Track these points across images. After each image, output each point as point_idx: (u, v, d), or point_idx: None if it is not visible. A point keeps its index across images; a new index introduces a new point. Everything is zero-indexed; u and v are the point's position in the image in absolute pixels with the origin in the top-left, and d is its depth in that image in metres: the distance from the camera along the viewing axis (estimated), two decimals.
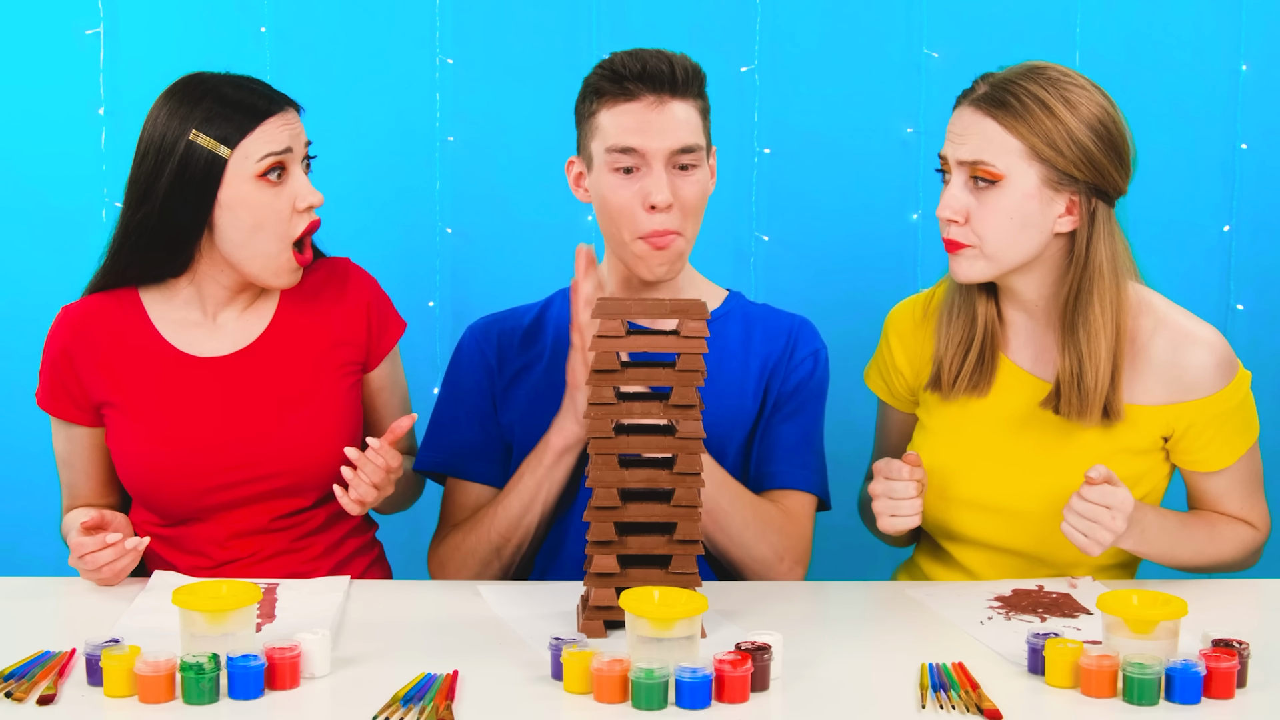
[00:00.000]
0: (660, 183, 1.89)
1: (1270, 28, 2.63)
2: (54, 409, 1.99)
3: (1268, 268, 2.66)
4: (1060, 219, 1.86)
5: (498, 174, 2.64)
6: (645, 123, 1.89)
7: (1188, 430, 1.90)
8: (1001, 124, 1.83)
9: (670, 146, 1.89)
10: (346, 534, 2.04)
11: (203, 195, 1.88)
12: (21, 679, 1.48)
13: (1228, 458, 1.93)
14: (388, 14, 2.62)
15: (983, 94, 1.86)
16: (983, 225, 1.85)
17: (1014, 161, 1.83)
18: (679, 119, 1.90)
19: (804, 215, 2.67)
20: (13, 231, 2.60)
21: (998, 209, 1.84)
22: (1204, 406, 1.89)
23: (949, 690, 1.48)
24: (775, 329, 2.06)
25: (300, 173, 1.92)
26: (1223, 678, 1.48)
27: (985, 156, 1.83)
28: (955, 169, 1.87)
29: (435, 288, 2.64)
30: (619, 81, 1.90)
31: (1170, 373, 1.89)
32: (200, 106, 1.88)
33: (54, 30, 2.59)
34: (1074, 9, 2.61)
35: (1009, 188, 1.83)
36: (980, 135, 1.84)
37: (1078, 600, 1.82)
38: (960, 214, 1.86)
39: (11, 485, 2.64)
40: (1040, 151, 1.82)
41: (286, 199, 1.90)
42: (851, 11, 2.63)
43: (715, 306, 2.06)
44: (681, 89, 1.90)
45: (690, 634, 1.46)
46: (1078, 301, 1.87)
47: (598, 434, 1.63)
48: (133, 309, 1.98)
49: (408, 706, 1.43)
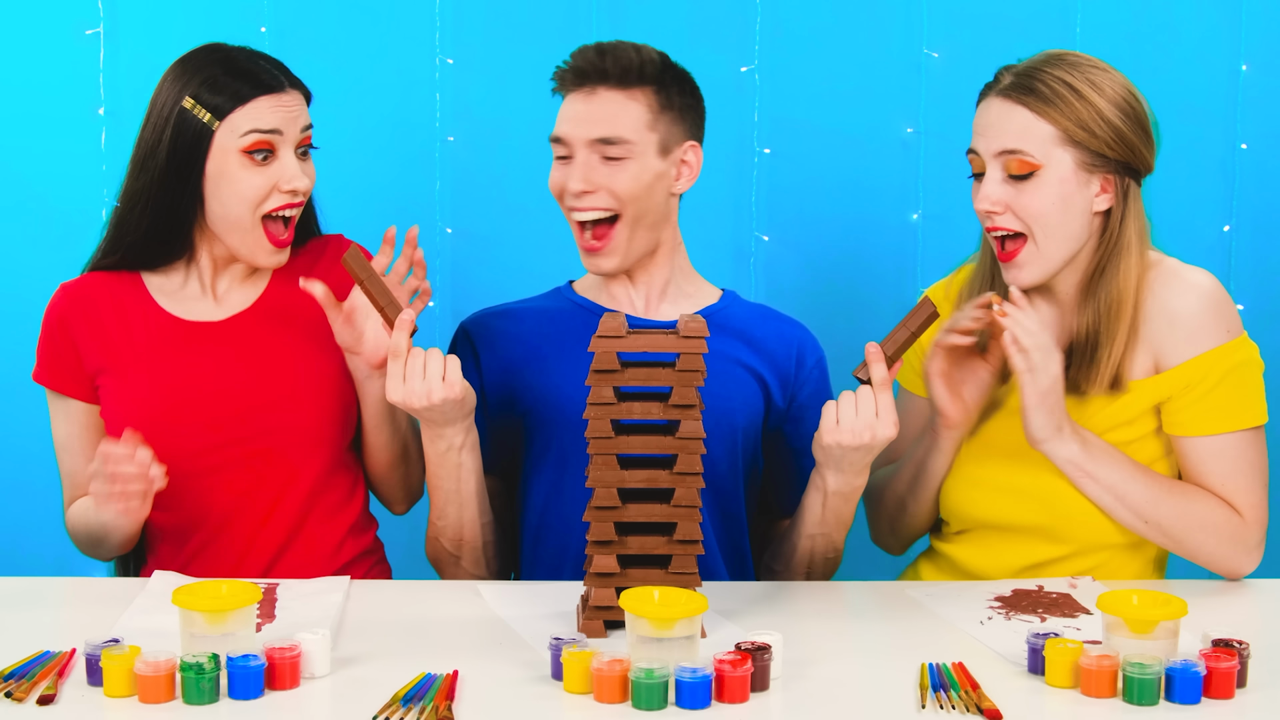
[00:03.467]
0: (575, 172, 1.93)
1: (1270, 28, 2.63)
2: (51, 381, 1.99)
3: (1268, 268, 2.66)
4: (1097, 198, 1.87)
5: (498, 174, 2.65)
6: (573, 112, 1.95)
7: (1177, 393, 1.88)
8: (1034, 111, 1.84)
9: (588, 136, 1.93)
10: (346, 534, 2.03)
11: (192, 165, 1.90)
12: (21, 679, 1.48)
13: (1209, 426, 1.88)
14: (388, 14, 2.62)
15: (1010, 84, 1.87)
16: (1026, 212, 1.85)
17: (1050, 149, 1.84)
18: (605, 109, 1.93)
19: (804, 215, 2.67)
20: (12, 232, 2.61)
21: (1038, 195, 1.85)
22: (1197, 365, 1.87)
23: (949, 690, 1.48)
24: (776, 333, 2.06)
25: (290, 156, 1.91)
26: (1223, 678, 1.48)
27: (1022, 145, 1.84)
28: (990, 162, 1.87)
29: (435, 288, 2.64)
30: (563, 75, 1.97)
31: (1163, 319, 1.88)
32: (200, 73, 1.90)
33: (54, 30, 2.59)
34: (1074, 9, 2.61)
35: (1047, 175, 1.85)
36: (1013, 125, 1.85)
37: (1078, 600, 1.82)
38: (999, 205, 1.86)
39: (11, 485, 2.64)
40: (1074, 135, 1.84)
41: (269, 179, 1.90)
42: (851, 11, 2.64)
43: (711, 303, 2.07)
44: (616, 80, 1.93)
45: (690, 634, 1.46)
46: (1103, 276, 1.88)
47: (598, 434, 1.63)
48: (132, 285, 2.00)
49: (408, 706, 1.43)
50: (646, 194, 1.95)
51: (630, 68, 1.93)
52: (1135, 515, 1.88)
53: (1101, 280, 1.88)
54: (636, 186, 1.94)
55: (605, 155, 1.93)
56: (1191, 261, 1.94)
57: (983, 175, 1.89)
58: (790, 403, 2.05)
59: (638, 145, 1.93)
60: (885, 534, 2.12)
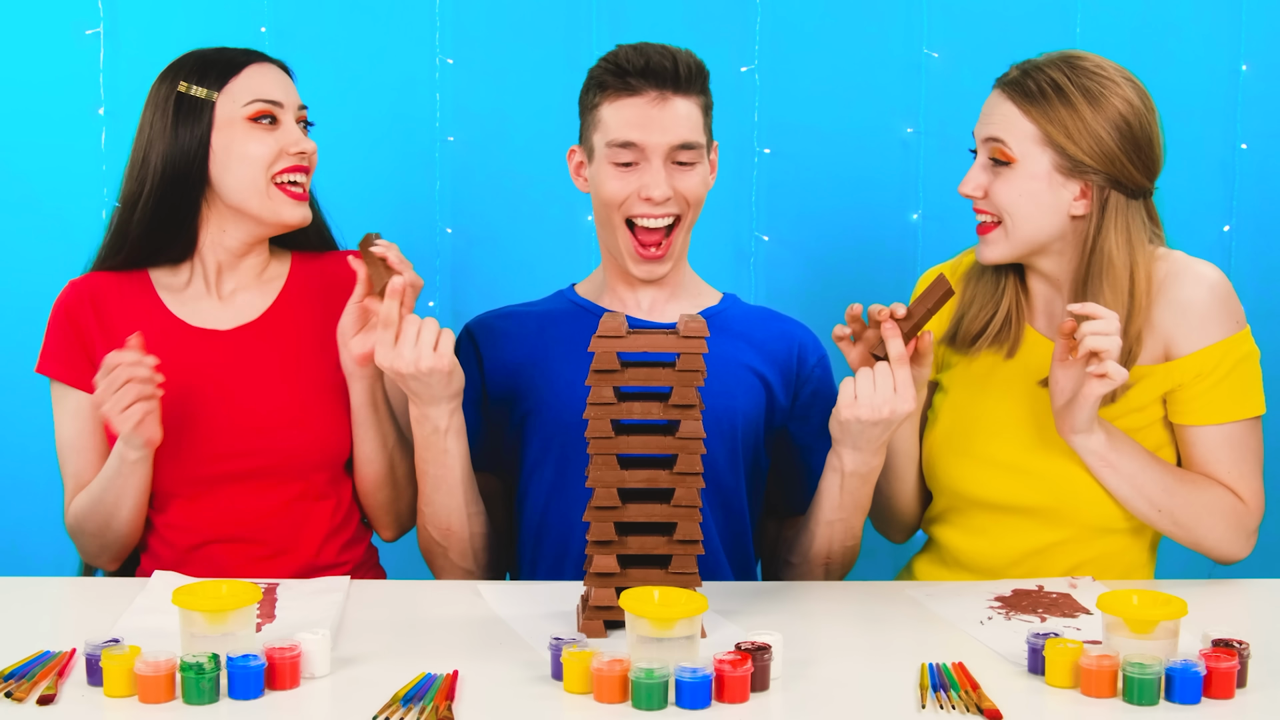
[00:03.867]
0: (659, 178, 1.91)
1: (1270, 28, 2.63)
2: (57, 372, 1.97)
3: (1268, 268, 2.67)
4: (1075, 202, 1.91)
5: (498, 174, 2.65)
6: (646, 118, 1.91)
7: (1188, 382, 1.91)
8: (1020, 108, 1.90)
9: (670, 142, 1.91)
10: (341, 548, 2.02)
11: (196, 148, 1.91)
12: (21, 679, 1.48)
13: (1218, 415, 1.92)
14: (388, 14, 2.62)
15: (1011, 79, 1.94)
16: (998, 201, 1.92)
17: (1028, 145, 1.90)
18: (680, 115, 1.91)
19: (804, 215, 2.67)
20: (12, 232, 2.60)
21: (1010, 187, 1.91)
22: (1203, 357, 1.90)
23: (949, 690, 1.48)
24: (778, 333, 2.07)
25: (293, 123, 1.96)
26: (1223, 678, 1.48)
27: (1003, 135, 1.91)
28: (980, 146, 1.95)
29: (435, 288, 2.64)
30: (622, 76, 1.92)
31: (1174, 309, 1.91)
32: (185, 65, 1.95)
33: (54, 30, 2.59)
34: (1074, 9, 2.62)
35: (1020, 169, 1.91)
36: (1001, 117, 1.92)
37: (1078, 600, 1.82)
38: (978, 190, 1.94)
39: (11, 485, 2.64)
40: (1053, 137, 1.88)
41: (276, 142, 1.93)
42: (851, 11, 2.64)
43: (713, 304, 2.07)
44: (684, 85, 1.92)
45: (690, 634, 1.46)
46: (1087, 287, 1.91)
47: (598, 434, 1.63)
48: (140, 282, 2.00)
49: (408, 706, 1.43)
50: (704, 194, 1.97)
51: (694, 72, 1.93)
52: (1151, 504, 1.90)
53: (1087, 292, 1.91)
54: (703, 191, 1.96)
55: (678, 160, 1.93)
56: None
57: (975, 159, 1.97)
58: (793, 401, 2.05)
59: (703, 150, 1.95)
60: (883, 524, 2.13)
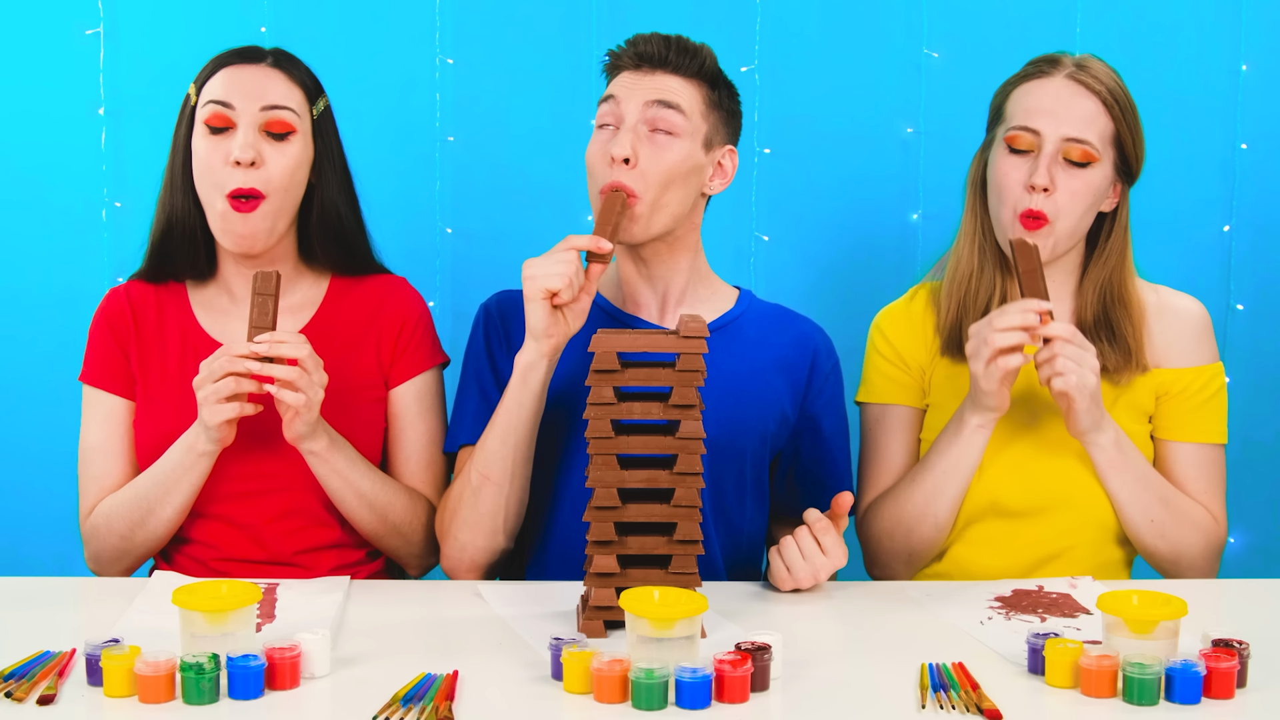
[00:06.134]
0: (625, 138, 1.88)
1: (1270, 28, 2.63)
2: (99, 379, 1.97)
3: (1268, 268, 2.67)
4: (1107, 200, 1.93)
5: (498, 174, 2.64)
6: (630, 80, 1.92)
7: (1174, 395, 1.95)
8: (1103, 107, 1.88)
9: (643, 99, 1.89)
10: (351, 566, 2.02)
11: (185, 151, 1.91)
12: (21, 679, 1.48)
13: (1200, 434, 1.97)
14: (388, 14, 2.62)
15: (1077, 74, 1.89)
16: (1062, 201, 1.87)
17: (1105, 147, 1.89)
18: (664, 84, 1.91)
19: (804, 215, 2.67)
20: (13, 231, 2.60)
21: (1083, 186, 1.87)
22: (1192, 376, 1.94)
23: (949, 690, 1.48)
24: (792, 338, 2.04)
25: (247, 131, 1.87)
26: (1223, 678, 1.48)
27: (1088, 137, 1.87)
28: (1047, 141, 1.88)
29: (435, 288, 2.64)
30: (617, 58, 1.94)
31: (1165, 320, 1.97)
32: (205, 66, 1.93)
33: (54, 30, 2.59)
34: (1074, 9, 2.61)
35: (1096, 170, 1.88)
36: (1082, 116, 1.88)
37: (1078, 600, 1.82)
38: (1054, 188, 1.87)
39: (11, 485, 2.63)
40: (1123, 141, 1.89)
41: (223, 153, 1.87)
42: (851, 12, 2.64)
43: (729, 307, 2.05)
44: (675, 67, 1.91)
45: (690, 634, 1.46)
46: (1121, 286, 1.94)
47: (598, 434, 1.63)
48: (177, 295, 2.00)
49: (408, 706, 1.43)
50: (682, 180, 1.91)
51: (693, 59, 1.93)
52: (1146, 513, 1.92)
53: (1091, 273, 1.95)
54: (668, 163, 1.89)
55: (656, 126, 1.90)
56: (1191, 261, 2.00)
57: (1024, 153, 1.89)
58: (802, 410, 2.03)
59: (689, 125, 1.91)
60: (898, 562, 2.02)
